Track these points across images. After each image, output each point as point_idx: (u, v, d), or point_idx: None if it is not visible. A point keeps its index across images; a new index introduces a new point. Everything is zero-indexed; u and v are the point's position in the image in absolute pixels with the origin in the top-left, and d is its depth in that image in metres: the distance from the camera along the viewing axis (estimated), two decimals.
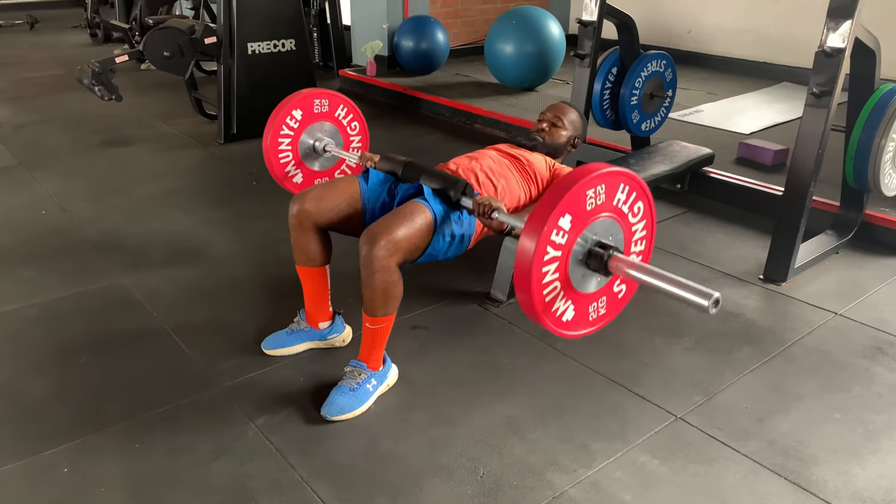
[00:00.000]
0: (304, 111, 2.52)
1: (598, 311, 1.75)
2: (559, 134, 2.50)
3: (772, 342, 2.36)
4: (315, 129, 2.59)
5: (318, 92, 2.56)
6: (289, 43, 4.59)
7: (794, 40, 5.59)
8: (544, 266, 1.55)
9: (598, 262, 1.63)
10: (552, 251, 1.55)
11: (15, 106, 5.44)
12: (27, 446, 1.88)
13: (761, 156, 3.80)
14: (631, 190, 1.66)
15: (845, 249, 2.99)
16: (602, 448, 1.88)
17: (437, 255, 2.06)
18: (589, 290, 1.69)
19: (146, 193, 3.70)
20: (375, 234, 1.89)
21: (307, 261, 2.19)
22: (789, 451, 1.87)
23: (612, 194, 1.62)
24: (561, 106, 2.59)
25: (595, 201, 1.59)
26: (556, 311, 1.64)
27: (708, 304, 1.48)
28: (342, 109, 2.62)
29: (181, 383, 2.14)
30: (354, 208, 2.18)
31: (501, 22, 5.41)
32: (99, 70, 4.15)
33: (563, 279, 1.61)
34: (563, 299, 1.64)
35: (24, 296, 2.63)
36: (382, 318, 1.96)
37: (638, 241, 1.74)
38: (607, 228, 1.65)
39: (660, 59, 3.61)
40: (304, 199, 2.13)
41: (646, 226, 1.74)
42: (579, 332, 1.73)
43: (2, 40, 8.61)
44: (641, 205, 1.70)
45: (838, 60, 2.43)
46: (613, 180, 1.61)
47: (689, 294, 1.52)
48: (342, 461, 1.84)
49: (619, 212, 1.66)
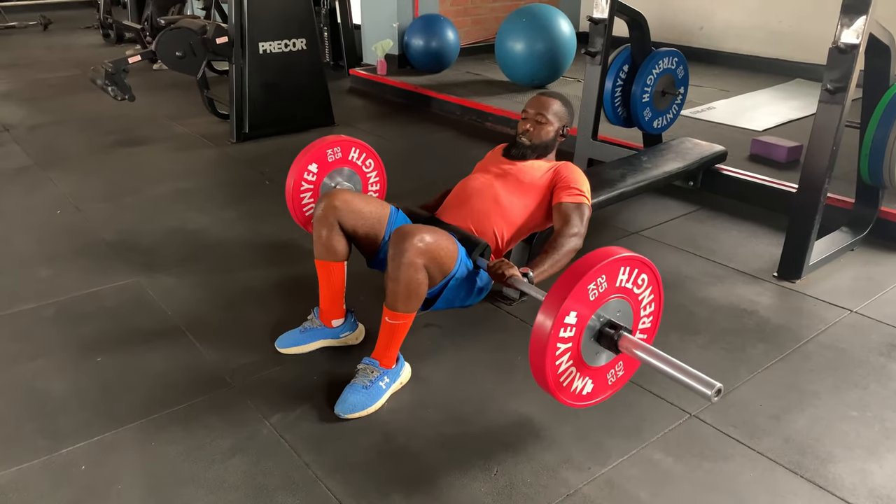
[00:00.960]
0: (318, 164, 2.57)
1: (615, 375, 1.85)
2: (545, 131, 2.41)
3: (787, 339, 2.35)
4: (334, 174, 2.63)
5: (330, 141, 2.58)
6: (300, 42, 4.61)
7: (808, 36, 5.55)
8: (557, 359, 1.65)
9: (609, 343, 1.72)
10: (562, 345, 1.65)
11: (30, 107, 5.49)
12: (45, 444, 1.90)
13: (775, 153, 3.77)
14: (632, 269, 1.73)
15: (860, 246, 2.97)
16: (616, 445, 1.88)
17: (454, 301, 2.13)
18: (603, 362, 1.78)
19: (160, 193, 3.72)
20: (408, 230, 1.91)
21: (327, 254, 2.19)
22: (805, 448, 1.86)
23: (614, 279, 1.69)
24: (541, 100, 2.45)
25: (598, 291, 1.67)
26: (574, 390, 1.75)
27: (710, 394, 1.54)
28: (355, 151, 2.65)
29: (196, 381, 2.15)
30: (376, 230, 2.20)
31: (512, 20, 5.41)
32: (112, 70, 4.19)
33: (577, 363, 1.71)
34: (580, 378, 1.75)
35: (40, 295, 2.66)
36: (403, 315, 1.97)
37: (646, 305, 1.82)
38: (614, 307, 1.73)
39: (671, 56, 3.59)
40: (335, 196, 2.16)
41: (652, 291, 1.81)
42: (599, 399, 1.83)
43: (16, 41, 8.69)
44: (645, 276, 1.77)
45: (852, 56, 2.41)
46: (612, 268, 1.68)
47: (692, 381, 1.59)
48: (356, 458, 1.85)
49: (623, 290, 1.74)
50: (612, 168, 3.09)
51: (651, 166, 3.11)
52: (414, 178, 3.81)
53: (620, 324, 1.73)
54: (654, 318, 1.87)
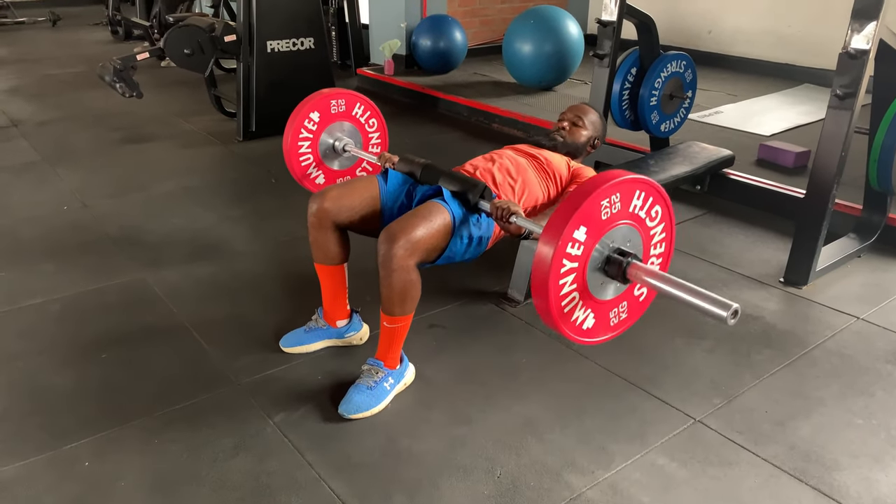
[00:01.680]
0: (321, 113, 2.53)
1: (619, 316, 1.75)
2: (579, 134, 2.52)
3: (793, 345, 2.34)
4: (334, 128, 2.60)
5: (335, 92, 2.56)
6: (308, 41, 4.61)
7: (817, 41, 5.53)
8: (561, 278, 1.56)
9: (617, 270, 1.62)
10: (568, 263, 1.55)
11: (38, 102, 5.51)
12: (49, 440, 1.90)
13: (782, 158, 3.76)
14: (647, 195, 1.64)
15: (868, 253, 2.96)
16: (620, 450, 1.87)
17: (454, 256, 2.07)
18: (608, 296, 1.69)
19: (166, 190, 3.73)
20: (394, 233, 1.89)
21: (325, 258, 2.19)
22: (810, 455, 1.85)
23: (628, 202, 1.61)
24: (582, 106, 2.61)
25: (611, 210, 1.58)
26: (575, 320, 1.65)
27: (727, 315, 1.48)
28: (359, 108, 2.62)
29: (200, 379, 2.15)
30: (373, 208, 2.18)
31: (519, 21, 5.40)
32: (120, 67, 4.19)
33: (581, 289, 1.61)
34: (582, 308, 1.65)
35: (46, 291, 2.66)
36: (400, 318, 1.96)
37: (657, 243, 1.73)
38: (625, 235, 1.64)
39: (679, 59, 3.58)
40: (323, 198, 2.14)
41: (664, 228, 1.73)
42: (600, 339, 1.74)
43: (25, 37, 8.72)
44: (659, 209, 1.69)
45: (862, 62, 2.40)
46: (628, 188, 1.59)
47: (708, 304, 1.52)
48: (359, 459, 1.84)
49: (636, 218, 1.65)
50: None
51: (658, 170, 3.11)
52: None
53: (630, 251, 1.63)
54: (664, 261, 1.77)
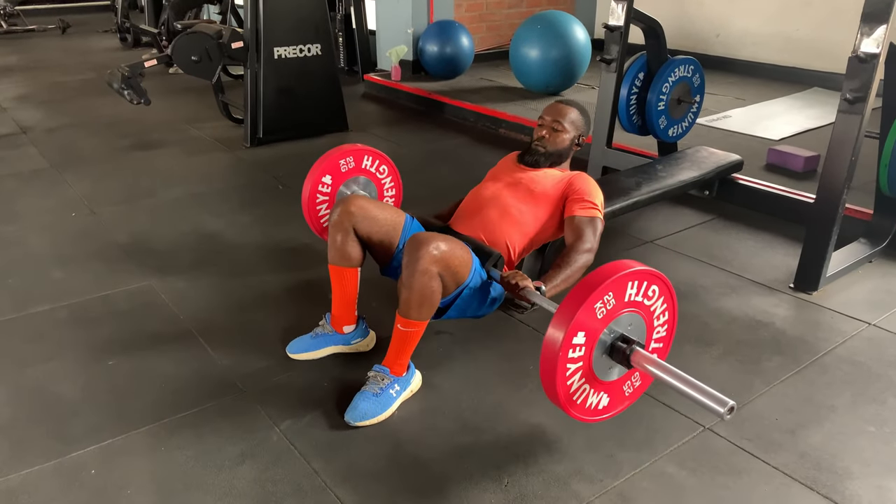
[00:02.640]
0: (332, 175, 2.56)
1: (632, 386, 1.83)
2: (561, 138, 2.39)
3: (803, 352, 2.31)
4: (350, 182, 2.63)
5: (342, 151, 2.56)
6: (315, 48, 4.62)
7: (826, 45, 5.50)
8: (567, 380, 1.65)
9: (621, 358, 1.70)
10: (572, 366, 1.64)
11: (47, 109, 5.54)
12: (56, 447, 1.90)
13: (792, 162, 3.74)
14: (640, 282, 1.69)
15: (879, 258, 2.93)
16: (629, 458, 1.86)
17: (466, 311, 2.11)
18: (617, 376, 1.77)
19: (174, 196, 3.74)
20: (424, 238, 1.91)
21: (341, 260, 2.19)
22: (822, 463, 1.83)
23: (622, 294, 1.67)
24: (557, 107, 2.43)
25: (605, 308, 1.65)
26: (590, 406, 1.74)
27: (723, 411, 1.53)
28: (368, 160, 2.64)
29: (207, 386, 2.15)
30: (391, 237, 2.20)
31: (526, 26, 5.40)
32: (128, 74, 4.21)
33: (589, 380, 1.70)
34: (594, 395, 1.74)
35: (54, 297, 2.67)
36: (415, 322, 1.96)
37: (659, 315, 1.79)
38: (626, 321, 1.71)
39: (687, 63, 3.57)
40: (351, 202, 2.17)
41: (664, 300, 1.78)
42: (618, 410, 1.82)
43: (35, 45, 8.78)
44: (655, 287, 1.74)
45: (872, 66, 2.39)
46: (619, 284, 1.65)
47: (705, 398, 1.57)
48: (366, 467, 1.83)
49: (634, 304, 1.71)
50: (627, 176, 3.07)
51: (666, 175, 3.09)
52: (428, 185, 3.81)
53: (632, 338, 1.71)
54: (669, 328, 1.84)
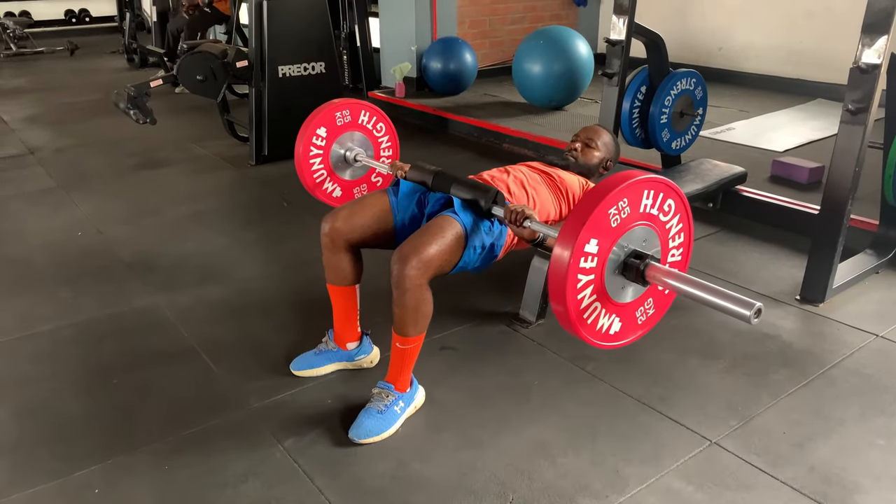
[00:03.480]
0: (327, 127, 2.53)
1: (646, 314, 1.73)
2: (592, 155, 2.50)
3: (810, 365, 2.29)
4: (345, 139, 2.59)
5: (338, 104, 2.55)
6: (319, 66, 4.66)
7: (828, 56, 5.50)
8: (579, 293, 1.54)
9: (635, 274, 1.59)
10: (584, 277, 1.53)
11: (55, 130, 5.59)
12: (60, 467, 1.90)
13: (796, 174, 3.73)
14: (657, 192, 1.60)
15: (886, 269, 2.91)
16: (635, 473, 1.84)
17: (467, 266, 2.05)
18: (631, 298, 1.66)
19: (180, 215, 3.76)
20: (407, 253, 1.88)
21: (338, 279, 2.19)
22: (830, 478, 1.81)
23: (638, 203, 1.57)
24: (595, 128, 2.59)
25: (620, 216, 1.55)
26: (600, 328, 1.63)
27: (750, 314, 1.43)
28: (365, 115, 2.61)
29: (211, 404, 2.15)
30: (385, 222, 2.18)
31: (529, 42, 5.43)
32: (134, 94, 4.25)
33: (601, 297, 1.59)
34: (605, 315, 1.63)
35: (60, 316, 2.68)
36: (413, 338, 1.95)
37: (675, 235, 1.69)
38: (640, 236, 1.61)
39: (689, 76, 3.57)
40: (335, 218, 2.15)
41: (680, 219, 1.68)
42: (630, 339, 1.72)
43: (44, 66, 8.89)
44: (672, 202, 1.64)
45: (874, 76, 2.38)
46: (635, 190, 1.55)
47: (729, 303, 1.48)
48: (370, 484, 1.82)
49: (649, 217, 1.61)
50: None
51: None
52: None
53: (647, 253, 1.60)
54: (685, 250, 1.73)
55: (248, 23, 4.55)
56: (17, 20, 10.59)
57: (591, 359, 2.31)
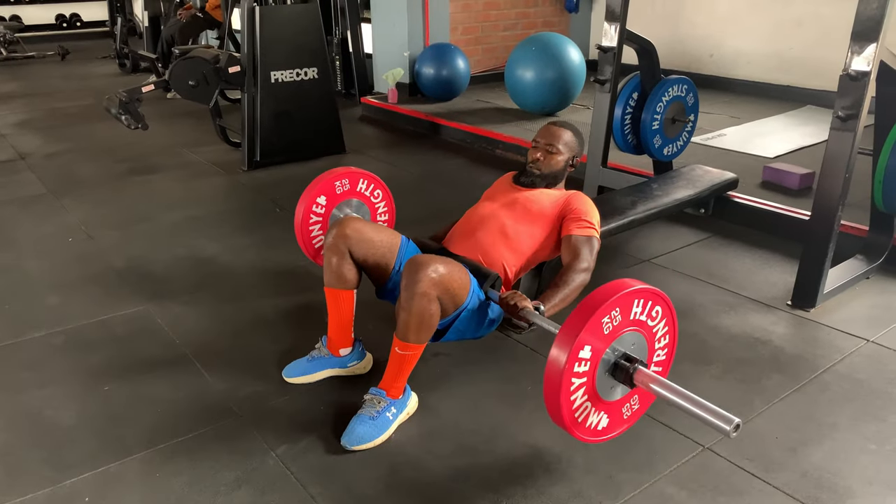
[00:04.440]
0: (327, 196, 2.58)
1: (631, 409, 1.82)
2: (555, 160, 2.38)
3: (802, 370, 2.30)
4: (343, 205, 2.64)
5: (338, 174, 2.59)
6: (311, 71, 4.65)
7: (818, 63, 5.55)
8: (572, 395, 1.64)
9: (624, 376, 1.70)
10: (577, 380, 1.64)
11: (45, 135, 5.57)
12: (51, 474, 1.88)
13: (787, 180, 3.75)
14: (646, 301, 1.71)
15: (876, 274, 2.93)
16: (628, 479, 1.84)
17: (464, 333, 2.10)
18: (618, 396, 1.76)
19: (171, 220, 3.74)
20: (422, 261, 1.91)
21: (337, 282, 2.19)
22: (823, 482, 1.81)
23: (628, 312, 1.68)
24: (551, 129, 2.42)
25: (612, 324, 1.65)
26: (590, 426, 1.73)
27: (729, 429, 1.53)
28: (363, 183, 2.67)
29: (203, 411, 2.14)
30: (387, 259, 2.20)
31: (521, 48, 5.45)
32: (126, 99, 4.23)
33: (592, 397, 1.70)
34: (595, 414, 1.73)
35: (50, 323, 2.66)
36: (413, 346, 1.95)
37: (661, 337, 1.80)
38: (629, 340, 1.72)
39: (681, 83, 3.59)
40: (346, 225, 2.16)
41: (666, 323, 1.80)
42: (615, 433, 1.81)
43: (35, 71, 8.84)
44: (659, 308, 1.75)
45: (863, 84, 2.40)
46: (626, 300, 1.66)
47: (710, 416, 1.58)
48: (363, 491, 1.82)
49: (638, 323, 1.72)
50: (623, 195, 3.08)
51: (662, 193, 3.10)
52: (424, 206, 3.81)
53: (636, 357, 1.71)
54: (669, 351, 1.85)
55: (241, 28, 4.54)
56: (7, 24, 10.54)
57: None
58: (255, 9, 4.39)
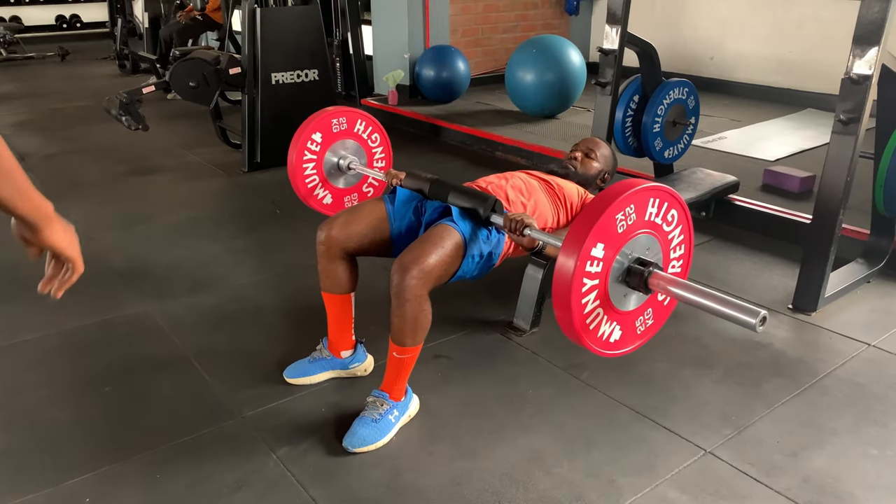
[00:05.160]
0: (323, 133, 2.53)
1: (645, 324, 1.73)
2: (591, 165, 2.53)
3: (803, 374, 2.30)
4: (338, 147, 2.59)
5: (336, 111, 2.56)
6: (312, 73, 4.65)
7: (819, 66, 5.55)
8: (583, 297, 1.53)
9: (638, 281, 1.60)
10: (589, 281, 1.53)
11: (45, 136, 5.56)
12: (50, 476, 1.87)
13: (788, 183, 3.75)
14: (662, 201, 1.62)
15: (877, 278, 2.92)
16: (630, 483, 1.84)
17: (465, 274, 2.04)
18: (632, 307, 1.67)
19: (171, 222, 3.74)
20: (407, 263, 1.87)
21: (333, 287, 2.18)
22: (824, 487, 1.81)
23: (643, 211, 1.59)
24: (595, 140, 2.62)
25: (626, 222, 1.55)
26: (601, 335, 1.63)
27: (755, 322, 1.45)
28: (361, 124, 2.62)
29: (203, 412, 2.13)
30: (382, 231, 2.17)
31: (522, 50, 5.45)
32: (126, 100, 4.23)
33: (604, 303, 1.59)
34: (607, 322, 1.63)
35: (48, 324, 2.65)
36: (410, 348, 1.95)
37: (676, 246, 1.71)
38: (643, 244, 1.62)
39: (682, 86, 3.59)
40: (331, 226, 2.14)
41: (682, 230, 1.71)
42: (629, 348, 1.72)
43: (34, 72, 8.84)
44: (675, 212, 1.66)
45: (865, 87, 2.40)
46: (642, 197, 1.57)
47: (734, 311, 1.49)
48: (364, 494, 1.81)
49: (653, 225, 1.62)
50: None
51: None
52: None
53: (651, 260, 1.61)
54: (685, 262, 1.75)
55: (241, 30, 4.54)
56: (7, 25, 10.53)
57: (586, 368, 2.31)
58: (256, 10, 4.39)
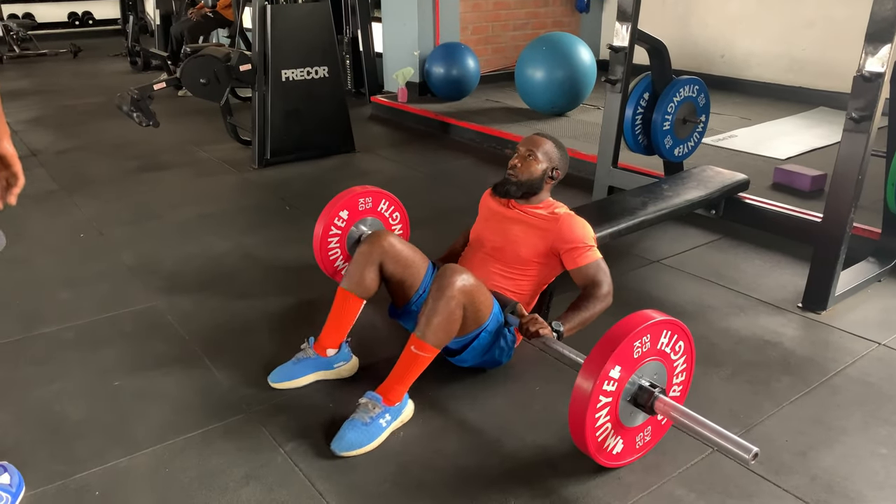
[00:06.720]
0: (350, 211, 2.69)
1: (643, 440, 1.90)
2: (533, 167, 2.30)
3: (812, 372, 2.29)
4: (360, 223, 2.74)
5: (363, 191, 2.71)
6: (322, 70, 4.66)
7: (831, 64, 5.51)
8: (597, 412, 1.72)
9: (645, 402, 1.78)
10: (604, 399, 1.72)
11: (57, 132, 5.60)
12: (61, 469, 1.89)
13: (798, 181, 3.73)
14: (673, 333, 1.81)
15: (888, 277, 2.90)
16: (636, 481, 1.83)
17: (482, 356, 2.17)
18: (635, 424, 1.84)
19: (182, 218, 3.76)
20: (457, 268, 1.98)
21: (355, 287, 2.21)
22: (833, 486, 1.80)
23: (657, 340, 1.78)
24: (534, 138, 2.37)
25: (642, 349, 1.75)
26: (607, 447, 1.80)
27: (748, 458, 1.60)
28: (384, 203, 2.79)
29: (211, 407, 2.14)
30: (413, 280, 2.27)
31: (532, 48, 5.44)
32: (137, 97, 4.26)
33: (613, 420, 1.77)
34: (613, 436, 1.80)
35: (61, 318, 2.67)
36: (429, 347, 1.96)
37: (679, 373, 1.89)
38: (652, 369, 1.81)
39: (692, 84, 3.58)
40: (384, 237, 2.24)
41: (686, 360, 1.89)
42: (626, 461, 1.87)
43: (47, 69, 8.90)
44: (682, 343, 1.86)
45: (877, 85, 2.38)
46: (658, 329, 1.77)
47: (729, 444, 1.65)
48: (371, 490, 1.82)
49: (662, 353, 1.82)
50: (633, 196, 3.06)
51: (672, 194, 3.08)
52: (433, 206, 3.81)
53: (657, 385, 1.79)
54: (684, 388, 1.93)
55: (252, 27, 4.56)
56: (20, 22, 10.62)
57: None
58: (267, 7, 4.40)
